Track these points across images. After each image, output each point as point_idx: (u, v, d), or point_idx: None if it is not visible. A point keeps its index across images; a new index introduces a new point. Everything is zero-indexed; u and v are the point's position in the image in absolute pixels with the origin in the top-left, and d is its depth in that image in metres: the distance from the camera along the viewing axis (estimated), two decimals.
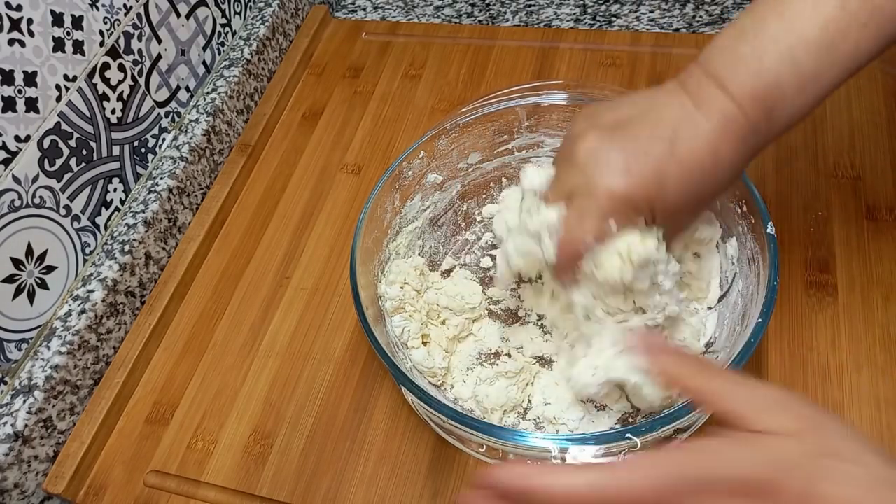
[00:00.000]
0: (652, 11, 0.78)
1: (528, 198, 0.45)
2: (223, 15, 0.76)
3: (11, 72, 0.53)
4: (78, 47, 0.58)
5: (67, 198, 0.59)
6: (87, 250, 0.61)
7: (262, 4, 0.80)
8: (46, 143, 0.56)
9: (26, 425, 0.52)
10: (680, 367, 0.34)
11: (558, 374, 0.52)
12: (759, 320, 0.42)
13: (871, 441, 0.29)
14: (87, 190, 0.61)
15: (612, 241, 0.40)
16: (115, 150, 0.63)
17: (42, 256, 0.56)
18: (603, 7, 0.80)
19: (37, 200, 0.56)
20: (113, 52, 0.62)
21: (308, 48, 0.82)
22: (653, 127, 0.40)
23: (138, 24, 0.64)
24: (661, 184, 0.39)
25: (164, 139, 0.69)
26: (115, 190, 0.64)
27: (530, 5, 0.82)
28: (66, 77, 0.57)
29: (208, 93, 0.72)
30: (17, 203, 0.54)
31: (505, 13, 0.82)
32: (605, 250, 0.41)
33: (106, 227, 0.63)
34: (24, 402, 0.53)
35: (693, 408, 0.40)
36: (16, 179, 0.54)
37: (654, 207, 0.40)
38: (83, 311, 0.57)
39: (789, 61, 0.38)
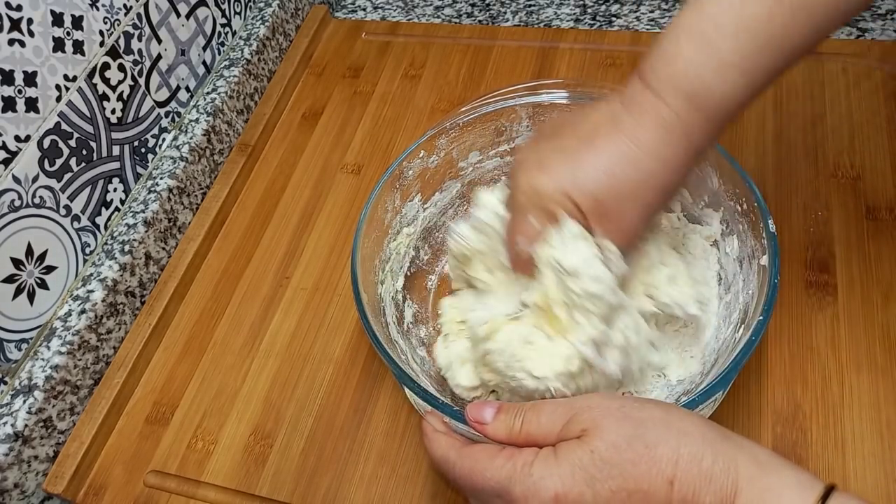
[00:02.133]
0: (652, 11, 0.78)
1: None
2: (223, 15, 0.76)
3: (11, 72, 0.53)
4: (78, 47, 0.58)
5: (67, 198, 0.59)
6: (87, 250, 0.61)
7: (262, 4, 0.80)
8: (46, 143, 0.56)
9: (26, 425, 0.52)
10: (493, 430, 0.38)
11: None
12: (761, 318, 0.42)
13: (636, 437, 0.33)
14: (87, 190, 0.61)
15: (540, 249, 0.42)
16: (115, 150, 0.63)
17: (42, 256, 0.56)
18: (603, 7, 0.80)
19: (37, 200, 0.56)
20: (113, 52, 0.62)
21: (308, 48, 0.82)
22: (575, 129, 0.41)
23: (138, 24, 0.64)
24: (574, 174, 0.40)
25: (164, 139, 0.69)
26: (115, 190, 0.64)
27: (530, 5, 0.82)
28: (66, 77, 0.57)
29: (208, 93, 0.72)
30: (17, 203, 0.54)
31: (505, 13, 0.82)
32: (540, 262, 0.42)
33: (106, 227, 0.63)
34: (24, 402, 0.53)
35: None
36: (16, 179, 0.54)
37: (579, 203, 0.40)
38: (83, 311, 0.57)
39: (705, 48, 0.37)
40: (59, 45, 0.56)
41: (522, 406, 0.37)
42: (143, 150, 0.67)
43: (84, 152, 0.60)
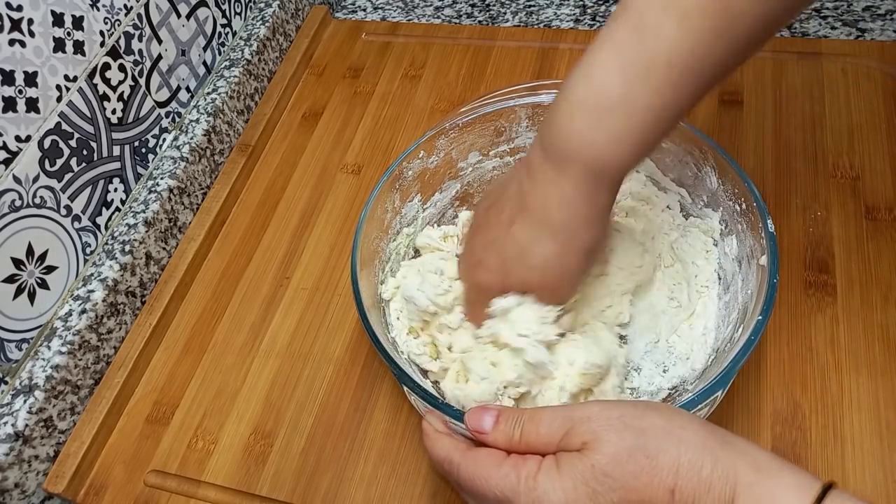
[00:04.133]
0: None
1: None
2: (223, 15, 0.76)
3: (12, 72, 0.53)
4: (78, 47, 0.58)
5: (68, 198, 0.59)
6: (88, 250, 0.61)
7: (262, 5, 0.80)
8: (47, 143, 0.56)
9: (27, 425, 0.52)
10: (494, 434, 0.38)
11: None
12: (760, 318, 0.42)
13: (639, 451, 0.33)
14: (88, 190, 0.61)
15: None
16: (116, 151, 0.63)
17: (42, 256, 0.57)
18: (603, 7, 0.80)
19: (37, 200, 0.56)
20: (113, 53, 0.62)
21: (308, 48, 0.82)
22: (498, 215, 0.46)
23: (139, 24, 0.64)
24: (505, 269, 0.46)
25: (164, 139, 0.69)
26: (115, 190, 0.64)
27: (530, 6, 0.82)
28: (66, 77, 0.57)
29: (209, 93, 0.72)
30: (18, 203, 0.54)
31: (505, 13, 0.82)
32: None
33: (106, 227, 0.63)
34: (25, 401, 0.53)
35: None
36: (16, 179, 0.54)
37: (514, 288, 0.46)
38: (84, 311, 0.57)
39: (597, 125, 0.40)
40: (59, 45, 0.56)
41: (521, 415, 0.37)
42: (143, 150, 0.67)
43: (84, 152, 0.60)
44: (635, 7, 0.38)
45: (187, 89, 0.72)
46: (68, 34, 0.57)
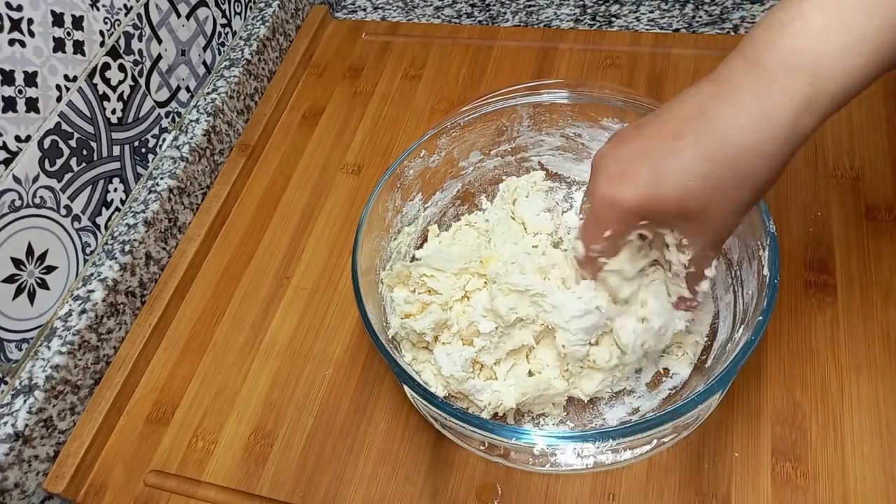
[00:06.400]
0: (652, 12, 0.78)
1: None
2: (223, 15, 0.76)
3: (12, 72, 0.53)
4: (78, 47, 0.58)
5: (68, 198, 0.59)
6: (88, 250, 0.61)
7: (262, 5, 0.80)
8: (47, 143, 0.56)
9: (27, 425, 0.52)
10: None
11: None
12: (760, 318, 0.42)
13: None
14: (88, 190, 0.61)
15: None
16: (116, 151, 0.63)
17: (42, 256, 0.57)
18: (603, 7, 0.80)
19: (37, 200, 0.56)
20: (113, 53, 0.62)
21: (308, 48, 0.82)
22: (659, 127, 0.37)
23: (139, 24, 0.64)
24: (658, 183, 0.36)
25: (164, 139, 0.69)
26: (115, 190, 0.64)
27: (530, 5, 0.82)
28: (66, 77, 0.57)
29: (208, 93, 0.72)
30: (18, 203, 0.54)
31: (505, 13, 0.82)
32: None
33: (106, 227, 0.63)
34: (25, 401, 0.53)
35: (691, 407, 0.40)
36: (16, 179, 0.54)
37: (661, 212, 0.37)
38: (83, 311, 0.57)
39: (837, 21, 0.32)
40: (59, 45, 0.56)
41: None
42: (143, 150, 0.67)
43: (84, 152, 0.60)
44: None
45: (187, 89, 0.72)
46: (68, 34, 0.57)
